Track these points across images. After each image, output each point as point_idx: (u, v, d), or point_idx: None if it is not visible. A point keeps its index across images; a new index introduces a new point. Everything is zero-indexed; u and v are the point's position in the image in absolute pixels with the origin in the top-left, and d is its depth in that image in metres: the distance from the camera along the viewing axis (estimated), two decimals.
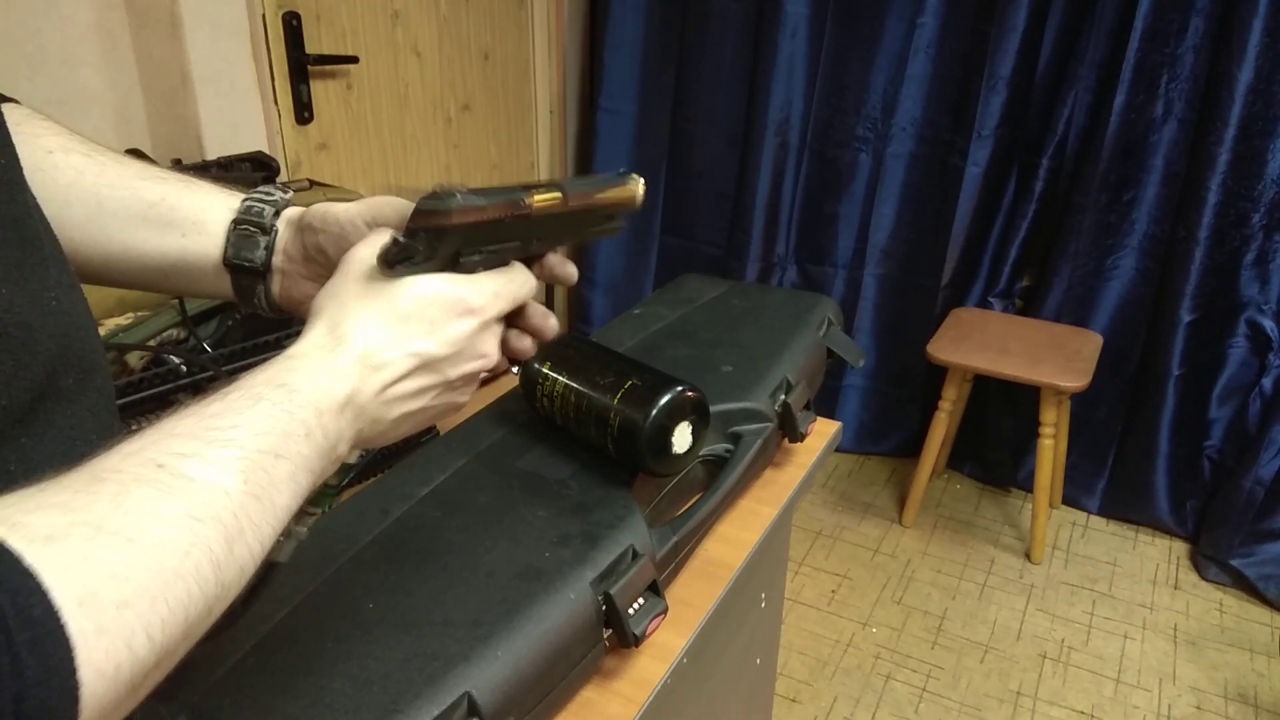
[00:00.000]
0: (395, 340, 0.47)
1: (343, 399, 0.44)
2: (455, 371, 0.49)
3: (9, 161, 0.39)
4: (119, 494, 0.33)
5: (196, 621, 0.35)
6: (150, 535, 0.33)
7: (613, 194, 0.59)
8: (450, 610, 0.59)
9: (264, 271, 0.58)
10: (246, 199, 0.58)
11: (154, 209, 0.57)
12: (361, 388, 0.45)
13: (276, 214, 0.58)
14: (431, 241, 0.48)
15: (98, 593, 0.31)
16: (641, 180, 0.59)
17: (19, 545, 0.29)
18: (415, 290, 0.48)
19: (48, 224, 0.45)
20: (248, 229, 0.57)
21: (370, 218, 0.55)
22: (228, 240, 0.58)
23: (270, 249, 0.58)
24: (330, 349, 0.45)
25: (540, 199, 0.52)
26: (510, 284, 0.52)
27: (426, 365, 0.48)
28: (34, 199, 0.44)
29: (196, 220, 0.58)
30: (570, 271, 0.60)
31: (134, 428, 0.84)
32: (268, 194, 0.59)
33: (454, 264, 0.50)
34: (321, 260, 0.58)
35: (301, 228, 0.58)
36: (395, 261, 0.48)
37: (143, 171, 0.58)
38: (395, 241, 0.48)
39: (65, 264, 0.45)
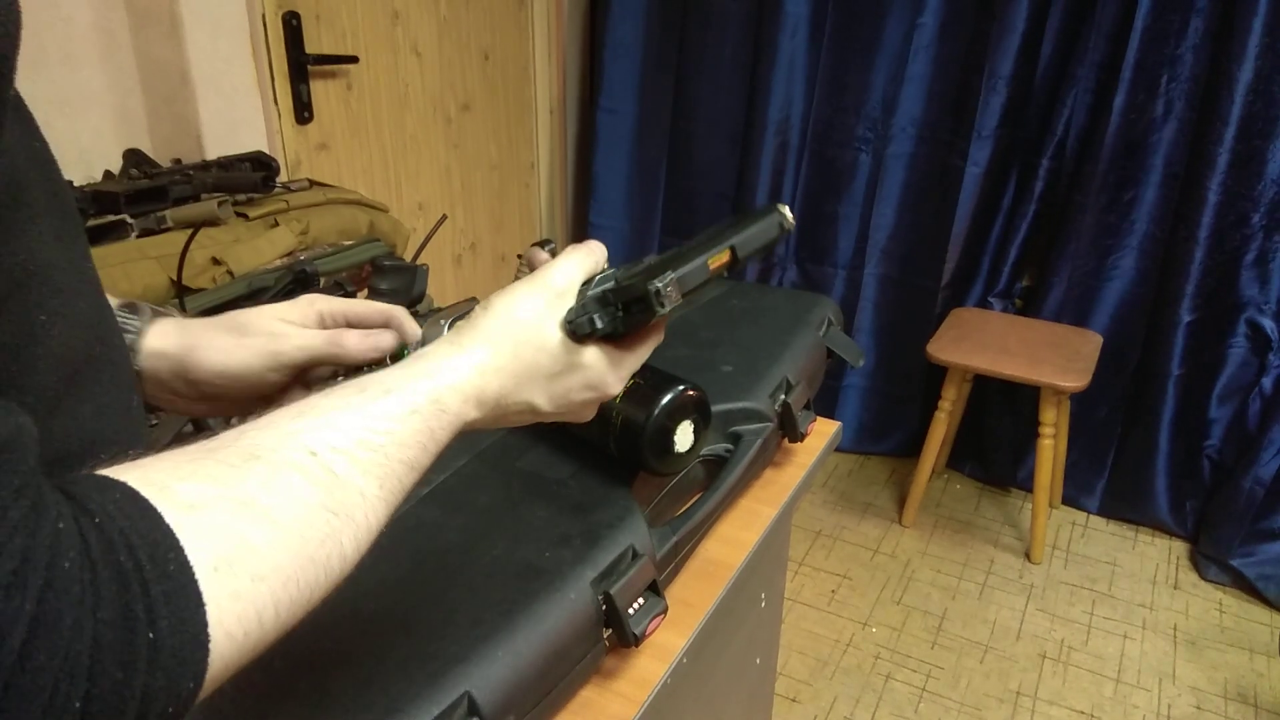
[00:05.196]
0: (528, 393, 0.51)
1: (468, 425, 0.49)
2: (551, 418, 0.54)
3: (42, 144, 0.41)
4: (270, 476, 0.36)
5: (314, 606, 0.37)
6: (293, 520, 0.36)
7: (766, 234, 0.58)
8: (450, 610, 0.59)
9: None
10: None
11: None
12: (484, 419, 0.50)
13: (138, 337, 0.57)
14: (621, 321, 0.51)
15: (235, 563, 0.33)
16: (787, 208, 0.58)
17: (162, 507, 0.32)
18: (575, 363, 0.51)
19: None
20: None
21: (278, 363, 0.58)
22: None
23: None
24: (481, 384, 0.48)
25: (715, 261, 0.53)
26: (638, 360, 0.55)
27: (535, 413, 0.52)
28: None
29: None
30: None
31: (153, 424, 0.84)
32: (129, 316, 0.57)
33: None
34: (218, 398, 0.59)
35: (190, 380, 0.58)
36: (582, 334, 0.51)
37: None
38: (589, 318, 0.51)
39: (86, 243, 0.46)
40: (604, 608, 0.62)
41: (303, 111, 1.82)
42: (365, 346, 0.59)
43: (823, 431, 0.96)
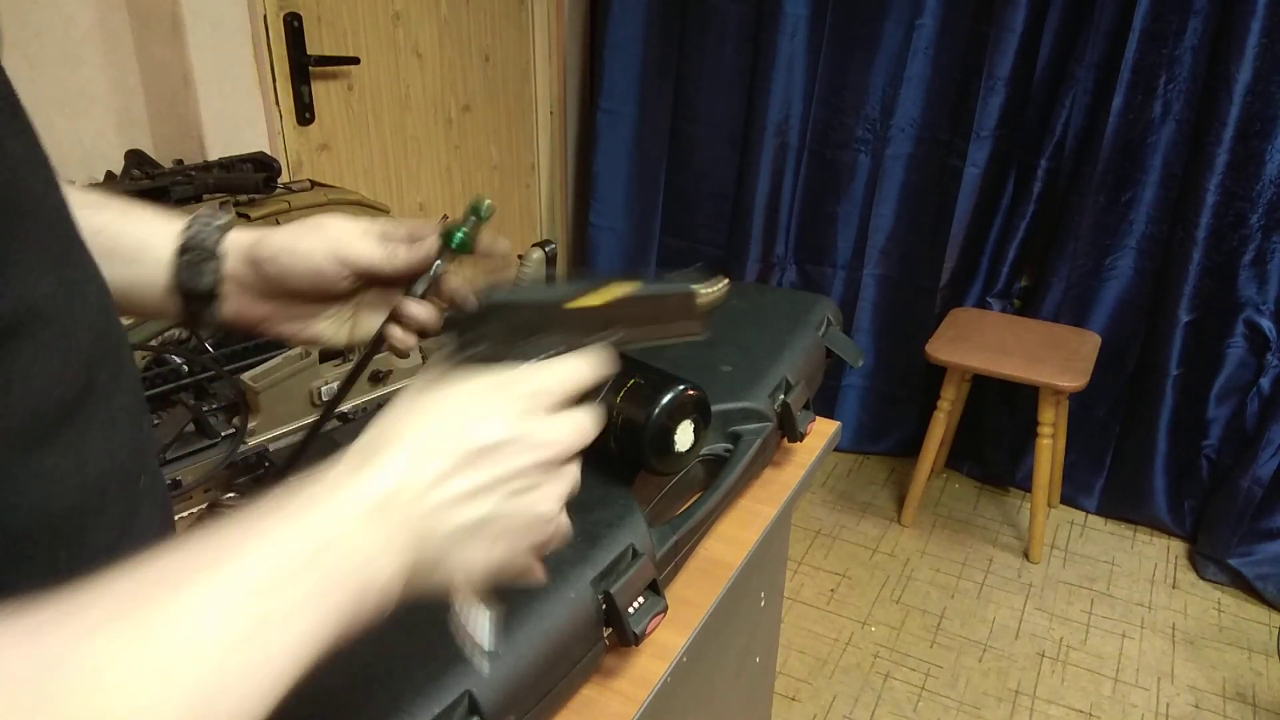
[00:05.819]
0: (431, 440, 0.40)
1: (374, 504, 0.37)
2: (510, 464, 0.41)
3: (44, 160, 0.40)
4: (75, 643, 0.28)
5: None
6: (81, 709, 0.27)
7: (671, 298, 0.56)
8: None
9: (214, 296, 0.59)
10: (189, 226, 0.59)
11: (98, 236, 0.55)
12: (398, 492, 0.38)
13: (220, 238, 0.59)
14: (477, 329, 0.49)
15: None
16: (718, 283, 0.55)
17: None
18: (458, 386, 0.44)
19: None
20: (194, 255, 0.58)
21: (338, 257, 0.58)
22: (175, 267, 0.58)
23: (218, 273, 0.59)
24: (364, 459, 0.39)
25: (580, 303, 0.52)
26: (570, 370, 0.47)
27: (468, 459, 0.40)
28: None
29: (140, 247, 0.58)
30: (500, 247, 0.63)
31: (155, 423, 0.84)
32: (209, 219, 0.59)
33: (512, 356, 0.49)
34: (280, 288, 0.59)
35: (255, 260, 0.59)
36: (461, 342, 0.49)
37: (80, 199, 0.57)
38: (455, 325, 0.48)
39: (95, 261, 0.45)
40: (604, 607, 0.63)
41: (304, 112, 1.82)
42: (415, 257, 0.60)
43: (822, 431, 0.97)
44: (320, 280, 0.59)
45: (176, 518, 0.78)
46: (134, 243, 0.58)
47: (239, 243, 0.59)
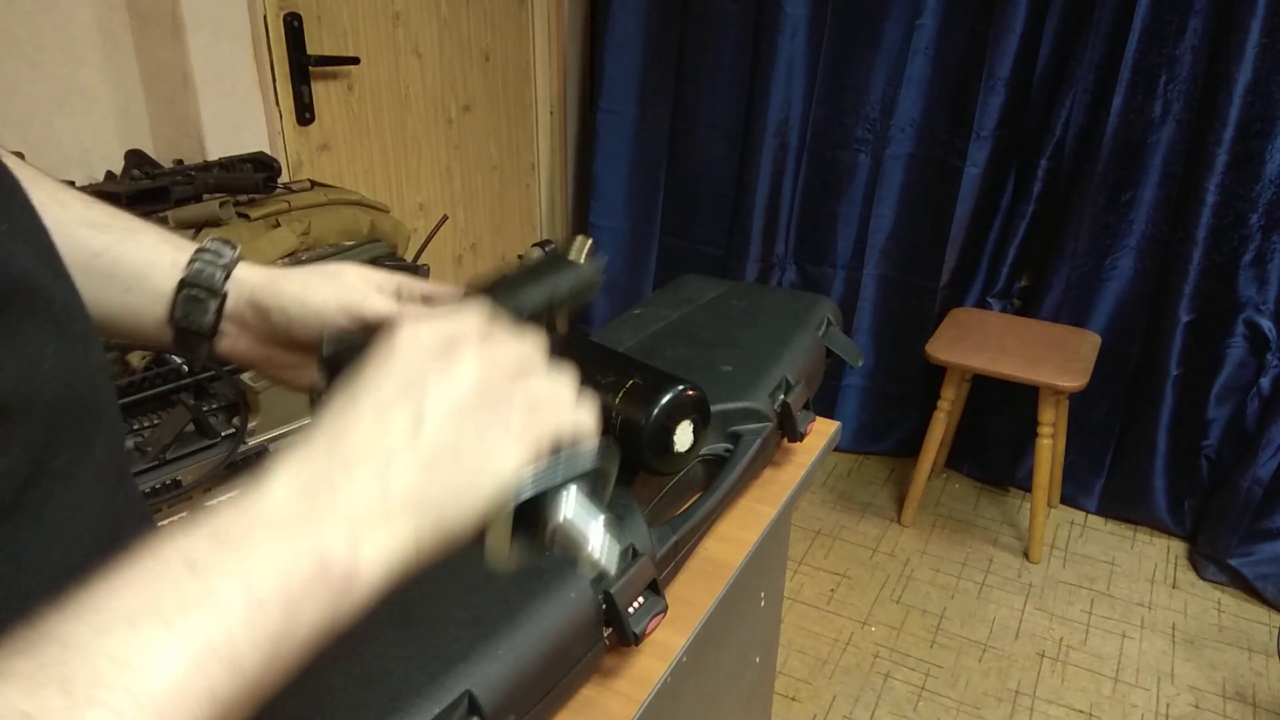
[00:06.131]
0: (339, 416, 0.38)
1: (293, 499, 0.34)
2: (433, 380, 0.38)
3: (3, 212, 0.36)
4: None
5: None
6: None
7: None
8: (451, 608, 0.59)
9: (211, 334, 0.57)
10: (194, 258, 0.56)
11: (97, 259, 0.54)
12: (322, 472, 0.35)
13: (226, 276, 0.56)
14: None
15: None
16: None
17: None
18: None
19: (66, 276, 0.40)
20: (196, 291, 0.55)
21: (350, 313, 0.56)
22: (175, 302, 0.56)
23: (218, 312, 0.56)
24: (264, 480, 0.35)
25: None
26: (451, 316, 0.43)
27: (388, 404, 0.37)
28: (46, 247, 0.40)
29: (141, 274, 0.55)
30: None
31: (155, 423, 0.84)
32: (217, 254, 0.56)
33: None
34: (283, 336, 0.57)
35: (262, 306, 0.56)
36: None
37: (84, 216, 0.55)
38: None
39: (78, 319, 0.40)
40: (604, 607, 0.63)
41: (304, 112, 1.82)
42: None
43: (822, 431, 0.96)
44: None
45: (176, 518, 0.78)
46: (133, 269, 0.55)
47: (245, 283, 0.57)
